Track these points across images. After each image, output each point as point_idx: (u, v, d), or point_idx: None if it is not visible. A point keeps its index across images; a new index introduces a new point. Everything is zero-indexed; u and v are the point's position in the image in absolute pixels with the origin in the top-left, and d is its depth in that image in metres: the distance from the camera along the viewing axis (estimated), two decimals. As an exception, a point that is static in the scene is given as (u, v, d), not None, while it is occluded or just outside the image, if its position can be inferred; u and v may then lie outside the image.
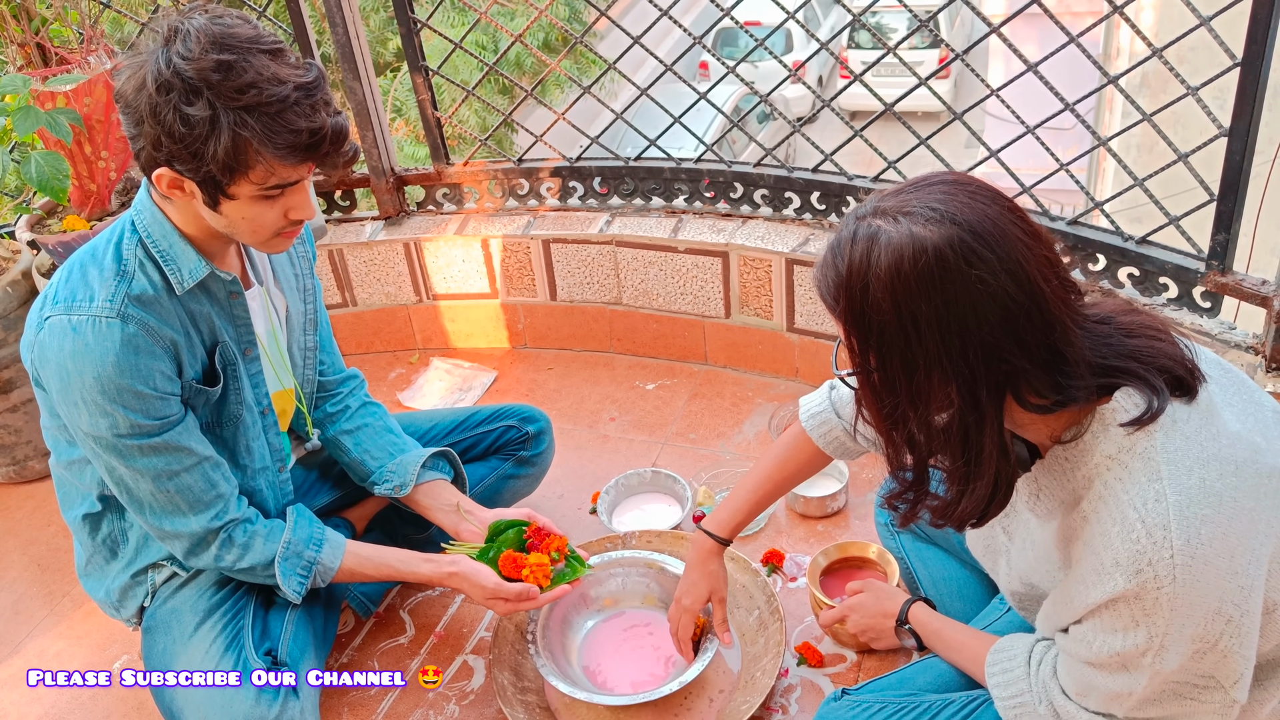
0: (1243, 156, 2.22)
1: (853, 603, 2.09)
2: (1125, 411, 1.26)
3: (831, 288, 1.28)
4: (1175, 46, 2.31)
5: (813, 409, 1.96)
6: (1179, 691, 1.32)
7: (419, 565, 2.16)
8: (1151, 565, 1.20)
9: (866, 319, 1.24)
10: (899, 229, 1.21)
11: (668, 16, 2.89)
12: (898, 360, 1.24)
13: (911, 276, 1.19)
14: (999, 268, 1.18)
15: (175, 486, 1.92)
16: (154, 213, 1.85)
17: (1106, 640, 1.30)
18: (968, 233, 1.19)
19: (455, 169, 3.36)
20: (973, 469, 1.28)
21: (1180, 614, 1.22)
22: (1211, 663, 1.27)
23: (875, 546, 2.27)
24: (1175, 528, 1.20)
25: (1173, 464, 1.23)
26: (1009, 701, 1.53)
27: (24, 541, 2.89)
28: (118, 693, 2.37)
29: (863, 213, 1.27)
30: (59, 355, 1.79)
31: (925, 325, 1.20)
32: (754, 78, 12.37)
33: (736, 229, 3.08)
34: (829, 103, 2.92)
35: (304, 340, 2.24)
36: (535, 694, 2.18)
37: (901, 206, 1.23)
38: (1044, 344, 1.22)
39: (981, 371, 1.21)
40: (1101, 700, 1.38)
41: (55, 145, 2.71)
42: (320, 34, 5.39)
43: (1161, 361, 1.28)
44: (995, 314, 1.19)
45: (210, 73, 1.64)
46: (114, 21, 7.39)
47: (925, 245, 1.19)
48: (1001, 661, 1.57)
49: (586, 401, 3.21)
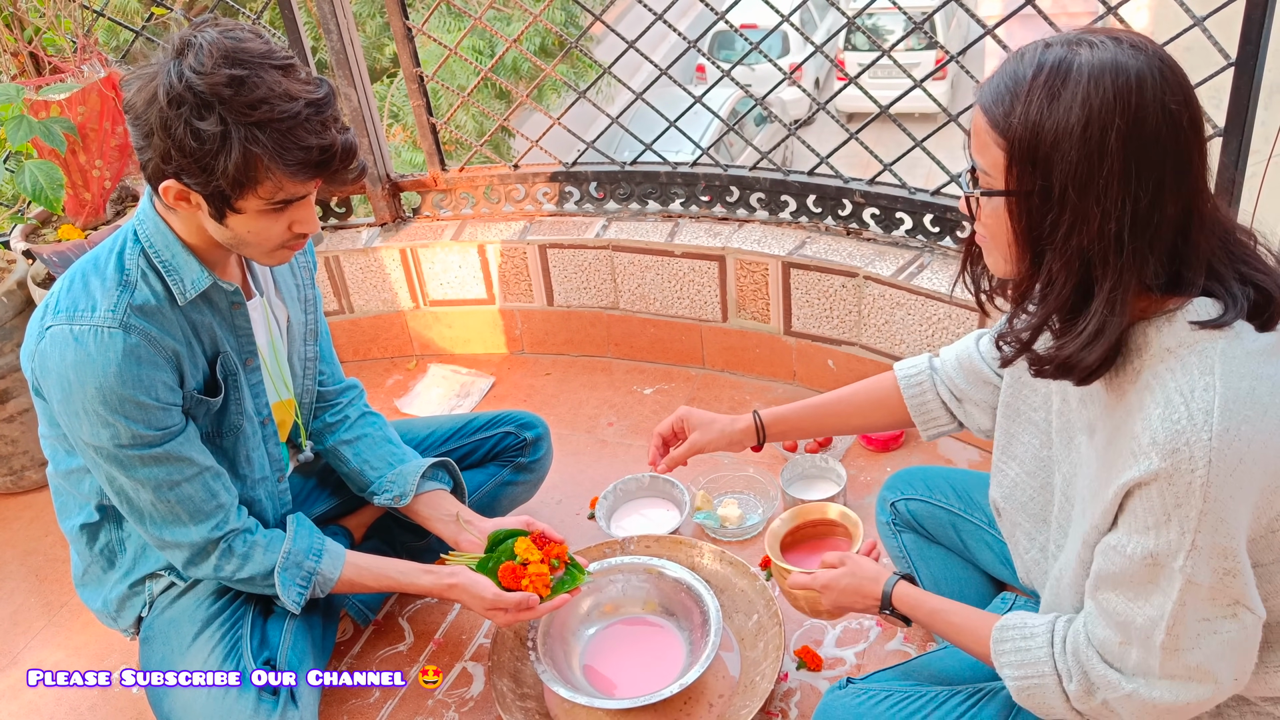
0: (1238, 157, 2.22)
1: (829, 580, 1.86)
2: (1196, 313, 1.27)
3: (1005, 95, 1.27)
4: (1170, 47, 2.31)
5: (910, 363, 1.94)
6: (1213, 627, 1.28)
7: (418, 577, 2.15)
8: (1189, 446, 1.20)
9: (1045, 129, 1.23)
10: (1100, 51, 1.22)
11: (663, 21, 2.89)
12: (1071, 174, 1.22)
13: (1110, 89, 1.20)
14: (1185, 107, 1.22)
15: (176, 497, 1.92)
16: (157, 223, 1.85)
17: (1139, 541, 1.27)
18: (1167, 67, 1.22)
19: (451, 174, 3.36)
20: (1119, 300, 1.25)
21: (1212, 511, 1.20)
22: (1239, 586, 1.25)
23: (836, 507, 2.10)
24: (1218, 414, 1.19)
25: (1228, 366, 1.23)
26: (1024, 681, 1.47)
27: (21, 552, 2.89)
28: (116, 701, 2.36)
29: (1054, 40, 1.28)
30: (60, 365, 1.78)
31: (1115, 139, 1.20)
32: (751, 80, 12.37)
33: (733, 232, 3.08)
34: (824, 105, 2.92)
35: (304, 350, 2.23)
36: (535, 700, 2.17)
37: (1098, 34, 1.26)
38: (1189, 205, 1.24)
39: (1146, 207, 1.22)
40: (1140, 648, 1.33)
41: (49, 154, 2.71)
42: (316, 40, 5.39)
43: (1261, 280, 1.29)
44: (1173, 148, 1.21)
45: (222, 87, 1.64)
46: (108, 30, 7.38)
47: (1127, 65, 1.21)
48: (1013, 639, 1.51)
49: (584, 406, 3.20)
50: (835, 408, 2.03)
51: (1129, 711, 1.37)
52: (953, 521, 2.08)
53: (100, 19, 3.12)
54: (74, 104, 2.73)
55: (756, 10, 2.97)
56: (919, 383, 1.92)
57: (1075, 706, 1.44)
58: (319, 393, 2.34)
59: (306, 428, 2.33)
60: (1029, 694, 1.48)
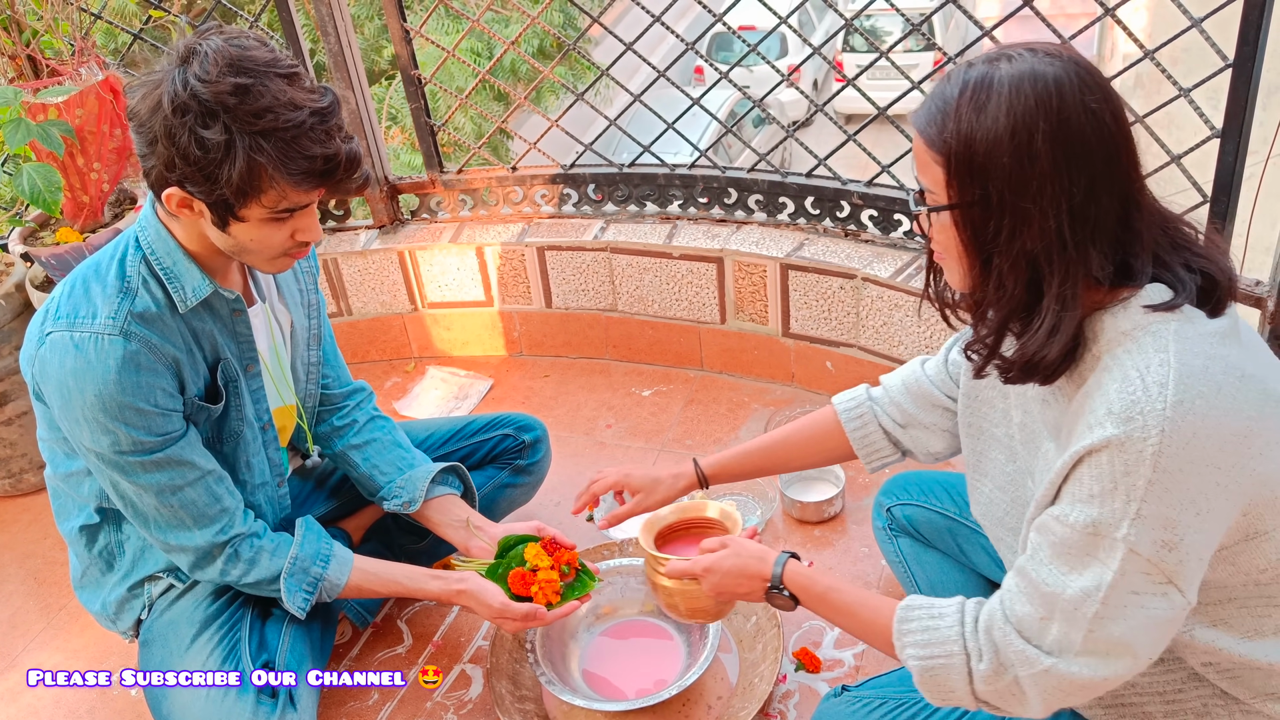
0: (1235, 158, 2.22)
1: (711, 562, 1.80)
2: (1149, 298, 1.30)
3: (937, 114, 1.33)
4: (1168, 48, 2.32)
5: (849, 395, 1.96)
6: (1141, 602, 1.28)
7: (427, 583, 2.15)
8: (1143, 415, 1.22)
9: (976, 140, 1.29)
10: (1019, 63, 1.29)
11: (661, 23, 2.89)
12: (1005, 180, 1.28)
13: (1031, 96, 1.26)
14: (1106, 104, 1.28)
15: (179, 501, 1.92)
16: (159, 230, 1.85)
17: (1083, 510, 1.28)
18: (1081, 69, 1.29)
19: (449, 177, 3.36)
20: (1070, 295, 1.30)
21: (1160, 481, 1.21)
22: (1174, 562, 1.25)
23: (718, 505, 2.04)
24: (1173, 387, 1.22)
25: (1182, 344, 1.26)
26: (928, 661, 1.45)
27: (20, 555, 2.89)
28: (115, 704, 2.36)
29: (975, 59, 1.34)
30: (60, 372, 1.78)
31: (1041, 142, 1.26)
32: (749, 82, 12.36)
33: (731, 234, 3.08)
34: (822, 107, 2.92)
35: (307, 355, 2.23)
36: (533, 702, 2.17)
37: (1013, 48, 1.32)
38: (1126, 196, 1.29)
39: (1082, 202, 1.27)
40: (1063, 623, 1.32)
41: (47, 157, 2.71)
42: (314, 42, 5.39)
43: (1206, 265, 1.33)
44: (1099, 144, 1.27)
45: (227, 96, 1.63)
46: (106, 32, 7.38)
47: (1045, 73, 1.27)
48: (919, 619, 1.49)
49: (583, 409, 3.20)
50: (777, 449, 2.04)
51: (1043, 689, 1.36)
52: (948, 526, 2.09)
53: (98, 22, 3.11)
54: (72, 107, 2.73)
55: (754, 12, 2.97)
56: (860, 415, 1.93)
57: (979, 688, 1.42)
58: (324, 396, 2.34)
59: (311, 433, 2.33)
60: (932, 675, 1.46)
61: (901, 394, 1.88)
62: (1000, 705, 1.43)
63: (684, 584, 1.86)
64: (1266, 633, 1.38)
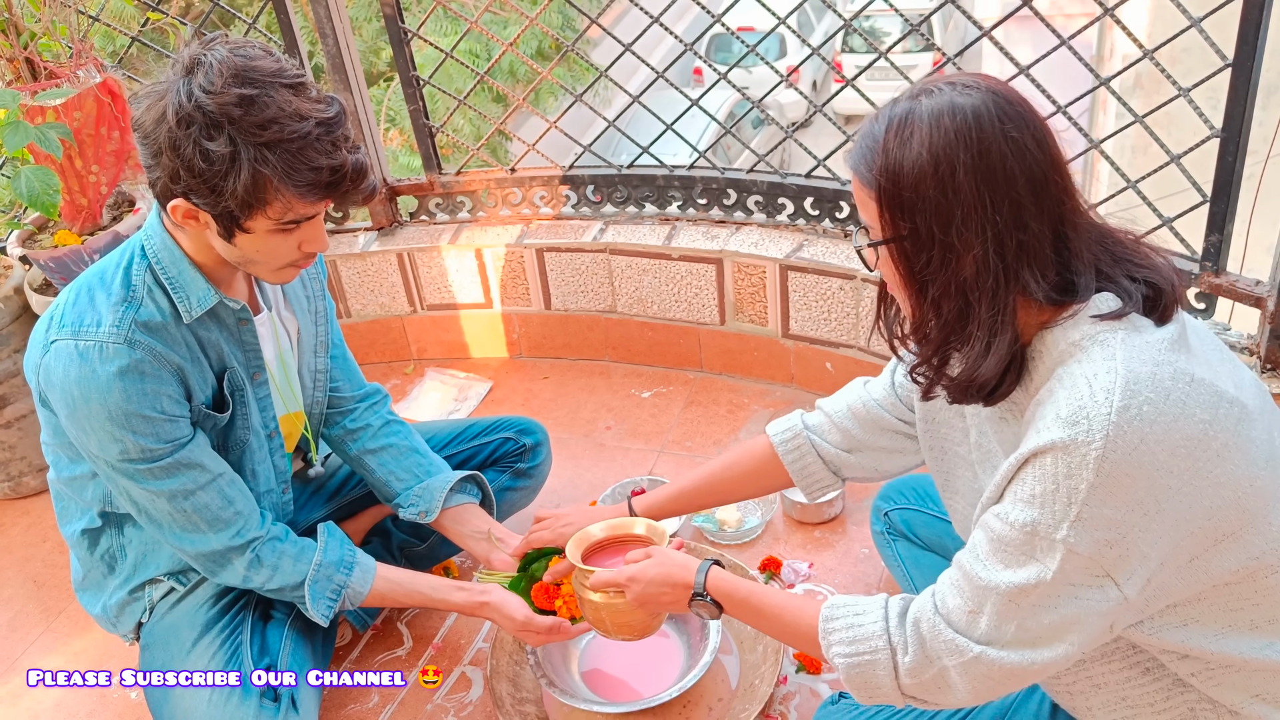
0: (1235, 157, 2.22)
1: (635, 571, 1.80)
2: (1098, 308, 1.32)
3: (866, 153, 1.36)
4: (1168, 48, 2.32)
5: (784, 425, 1.95)
6: (1076, 593, 1.28)
7: (451, 594, 2.14)
8: (1088, 419, 1.22)
9: (903, 175, 1.32)
10: (938, 97, 1.32)
11: (659, 24, 2.89)
12: (932, 213, 1.31)
13: (950, 130, 1.29)
14: (1026, 130, 1.30)
15: (191, 506, 1.91)
16: (165, 239, 1.85)
17: (1024, 511, 1.28)
18: (1000, 99, 1.31)
19: (448, 179, 3.36)
20: (1000, 321, 1.33)
21: (1103, 485, 1.22)
22: (1114, 557, 1.25)
23: (645, 521, 2.02)
24: (1119, 393, 1.22)
25: (1130, 352, 1.27)
26: (854, 659, 1.46)
27: (19, 558, 2.88)
28: (114, 707, 2.36)
29: (900, 96, 1.37)
30: (64, 381, 1.78)
31: (963, 175, 1.28)
32: (748, 83, 12.37)
33: (730, 235, 3.08)
34: (821, 108, 2.92)
35: (314, 363, 2.23)
36: (534, 704, 2.17)
37: (935, 82, 1.35)
38: (1057, 216, 1.31)
39: (1010, 227, 1.29)
40: (993, 616, 1.33)
41: (45, 160, 2.70)
42: (312, 44, 5.39)
43: (1150, 275, 1.34)
44: (1022, 172, 1.29)
45: (232, 107, 1.62)
46: (104, 35, 7.37)
47: (963, 105, 1.30)
48: (845, 617, 1.50)
49: (582, 410, 3.20)
50: (715, 485, 2.04)
51: (972, 677, 1.36)
52: (945, 530, 2.08)
53: (96, 24, 3.11)
54: (70, 109, 2.73)
55: (753, 13, 2.97)
56: (797, 446, 1.92)
57: (904, 681, 1.43)
58: (334, 399, 2.33)
59: (316, 440, 2.32)
60: (858, 672, 1.46)
61: (847, 419, 1.88)
62: (927, 698, 1.44)
63: (610, 598, 1.86)
64: (1241, 628, 1.36)
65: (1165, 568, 1.27)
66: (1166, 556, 1.26)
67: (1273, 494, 1.29)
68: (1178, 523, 1.25)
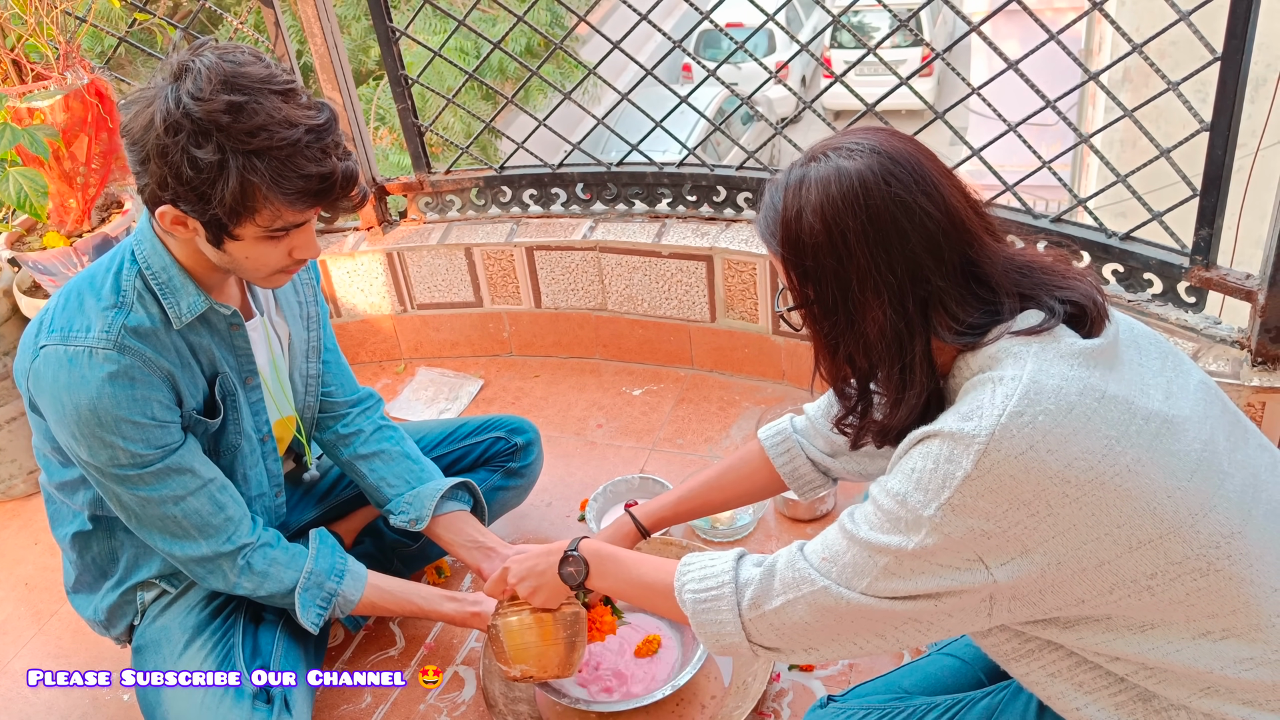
0: (1224, 151, 2.22)
1: (513, 559, 1.92)
2: (1019, 325, 1.34)
3: (769, 224, 1.41)
4: (1156, 42, 2.31)
5: (774, 429, 1.97)
6: (936, 572, 1.31)
7: (442, 604, 2.14)
8: (980, 417, 1.25)
9: (802, 245, 1.36)
10: (826, 164, 1.36)
11: (647, 21, 2.88)
12: (832, 279, 1.36)
13: (838, 198, 1.33)
14: (915, 187, 1.32)
15: (181, 512, 1.91)
16: (155, 244, 1.84)
17: (901, 483, 1.31)
18: (885, 158, 1.34)
19: (437, 177, 3.35)
20: (907, 377, 1.37)
21: (981, 480, 1.24)
22: (990, 545, 1.27)
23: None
24: (1016, 399, 1.25)
25: (1039, 365, 1.28)
26: (701, 594, 1.52)
27: (10, 561, 2.87)
28: (107, 710, 2.36)
29: (797, 161, 1.41)
30: (54, 386, 1.77)
31: (854, 240, 1.32)
32: (738, 79, 12.37)
33: (720, 232, 3.08)
34: (810, 104, 2.92)
35: (306, 367, 2.22)
36: (526, 704, 2.17)
37: (826, 147, 1.39)
38: (963, 260, 1.34)
39: (907, 285, 1.33)
40: (853, 560, 1.37)
41: (33, 162, 2.69)
42: (301, 44, 5.38)
43: (1069, 294, 1.36)
44: (914, 229, 1.32)
45: (220, 114, 1.61)
46: (92, 36, 7.34)
47: (849, 171, 1.33)
48: (698, 562, 1.57)
49: (573, 408, 3.20)
50: (712, 490, 2.05)
51: (816, 610, 1.40)
52: None
53: (83, 25, 3.10)
54: (57, 111, 2.72)
55: (742, 9, 2.97)
56: (786, 449, 1.95)
57: (747, 616, 1.48)
58: (326, 403, 2.32)
59: (310, 444, 2.32)
60: (706, 610, 1.52)
61: (826, 425, 1.90)
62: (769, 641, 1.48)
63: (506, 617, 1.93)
64: (1178, 634, 1.33)
65: (1064, 567, 1.28)
66: (1064, 556, 1.27)
67: (1200, 503, 1.29)
68: (1076, 527, 1.26)
